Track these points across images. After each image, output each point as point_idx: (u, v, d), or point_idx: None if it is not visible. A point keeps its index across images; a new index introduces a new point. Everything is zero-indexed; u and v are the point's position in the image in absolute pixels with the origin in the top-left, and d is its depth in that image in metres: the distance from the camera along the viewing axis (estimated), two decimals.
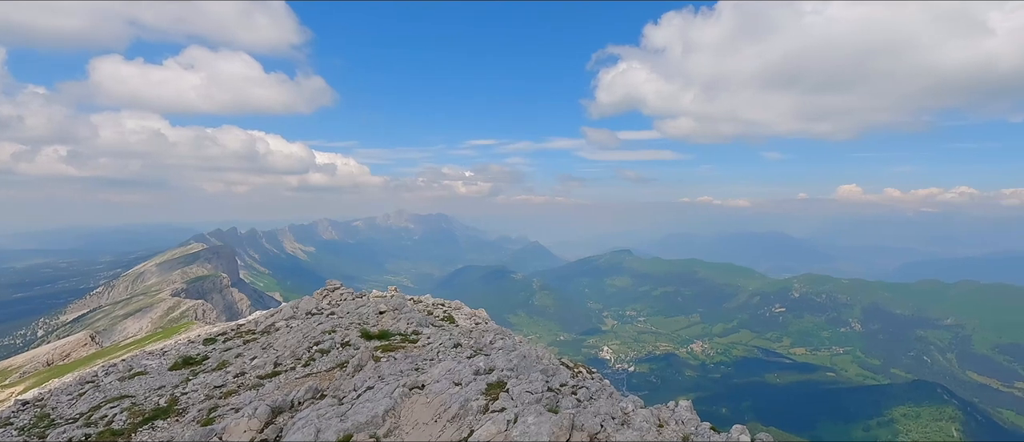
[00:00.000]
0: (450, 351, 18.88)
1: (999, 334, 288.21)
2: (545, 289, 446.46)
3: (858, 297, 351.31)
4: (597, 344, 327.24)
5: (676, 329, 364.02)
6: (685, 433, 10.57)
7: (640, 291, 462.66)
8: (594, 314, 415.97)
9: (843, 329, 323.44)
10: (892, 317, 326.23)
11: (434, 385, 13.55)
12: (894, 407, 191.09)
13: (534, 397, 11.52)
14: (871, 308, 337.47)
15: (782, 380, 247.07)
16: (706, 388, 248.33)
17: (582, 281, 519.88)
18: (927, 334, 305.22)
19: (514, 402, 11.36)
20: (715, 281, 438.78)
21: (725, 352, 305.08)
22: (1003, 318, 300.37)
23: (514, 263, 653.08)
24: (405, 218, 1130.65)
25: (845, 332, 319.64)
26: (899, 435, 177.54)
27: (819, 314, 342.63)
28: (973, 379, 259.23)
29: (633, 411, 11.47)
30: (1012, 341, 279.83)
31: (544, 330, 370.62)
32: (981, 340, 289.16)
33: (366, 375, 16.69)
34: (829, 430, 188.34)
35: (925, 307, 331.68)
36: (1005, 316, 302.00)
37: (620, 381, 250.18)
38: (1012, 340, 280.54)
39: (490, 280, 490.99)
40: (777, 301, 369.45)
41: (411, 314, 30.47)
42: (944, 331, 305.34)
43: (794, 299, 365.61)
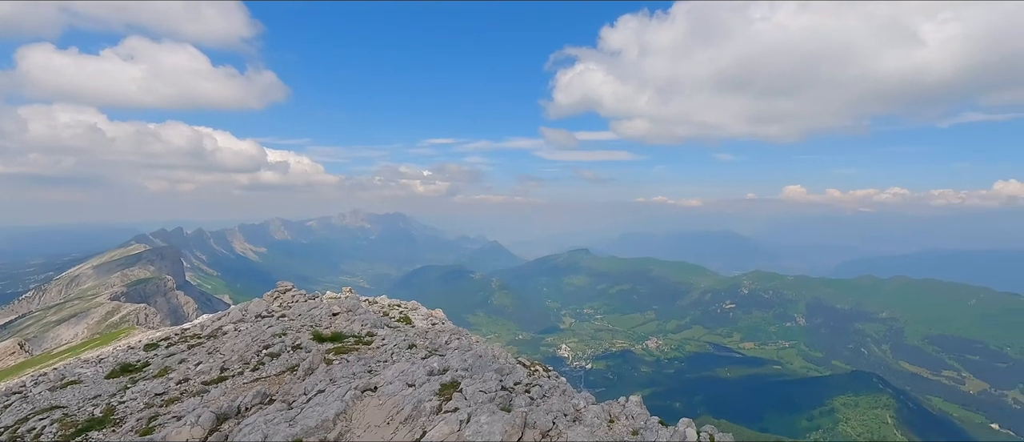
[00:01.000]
0: (405, 352, 18.65)
1: (929, 326, 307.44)
2: (504, 288, 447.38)
3: (802, 293, 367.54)
4: (555, 342, 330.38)
5: (632, 326, 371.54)
6: (635, 427, 10.82)
7: (597, 289, 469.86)
8: (552, 313, 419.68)
9: (789, 324, 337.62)
10: (833, 312, 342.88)
11: (387, 387, 13.35)
12: (835, 397, 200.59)
13: (488, 396, 11.53)
14: (814, 303, 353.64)
15: (732, 374, 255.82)
16: (661, 383, 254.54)
17: (541, 280, 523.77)
18: (865, 327, 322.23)
19: (467, 402, 11.34)
20: (669, 279, 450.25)
21: (679, 348, 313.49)
22: (932, 312, 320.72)
23: (473, 263, 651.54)
24: (361, 218, 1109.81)
25: (790, 327, 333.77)
26: (839, 424, 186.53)
27: (767, 310, 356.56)
28: (905, 369, 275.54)
29: (585, 408, 11.66)
30: (940, 332, 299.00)
31: (503, 329, 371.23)
32: (912, 332, 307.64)
33: (317, 378, 16.30)
34: (776, 421, 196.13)
35: (863, 302, 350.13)
36: (934, 310, 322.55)
37: (578, 378, 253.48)
38: (940, 332, 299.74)
39: (448, 280, 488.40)
40: (727, 298, 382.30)
41: (365, 315, 29.94)
42: (880, 324, 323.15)
43: (743, 295, 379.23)
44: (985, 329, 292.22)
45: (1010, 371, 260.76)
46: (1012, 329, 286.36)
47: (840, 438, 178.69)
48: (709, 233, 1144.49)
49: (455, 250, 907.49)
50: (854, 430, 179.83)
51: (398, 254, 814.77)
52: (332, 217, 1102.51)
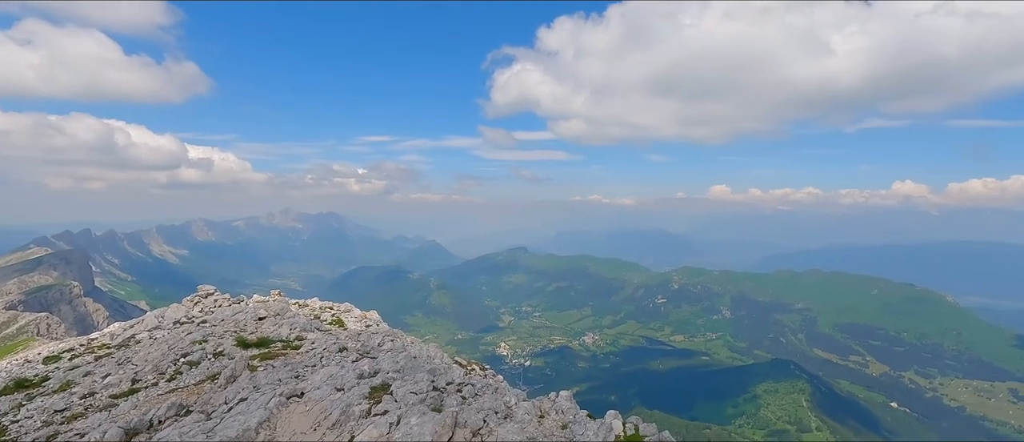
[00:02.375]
0: (335, 356, 18.09)
1: (838, 315, 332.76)
2: (442, 288, 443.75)
3: (727, 287, 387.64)
4: (494, 341, 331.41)
5: (569, 322, 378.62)
6: (564, 421, 11.04)
7: (536, 287, 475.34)
8: (491, 311, 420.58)
9: (715, 316, 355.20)
10: (755, 304, 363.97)
11: (314, 392, 12.90)
12: (758, 384, 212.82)
13: (419, 398, 11.39)
14: (738, 297, 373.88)
15: (664, 366, 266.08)
16: (597, 377, 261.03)
17: (480, 279, 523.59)
18: (783, 318, 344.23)
19: (398, 404, 11.16)
20: (604, 276, 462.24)
21: (614, 342, 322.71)
22: (841, 302, 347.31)
23: (411, 263, 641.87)
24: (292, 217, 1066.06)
25: (717, 319, 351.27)
26: (761, 409, 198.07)
27: (695, 303, 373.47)
28: (818, 355, 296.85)
29: (516, 404, 11.76)
30: (848, 321, 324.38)
31: (442, 329, 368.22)
32: (824, 321, 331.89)
33: (240, 386, 15.50)
34: (705, 409, 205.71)
35: (781, 294, 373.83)
36: (843, 300, 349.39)
37: (516, 376, 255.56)
38: (848, 320, 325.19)
39: (385, 281, 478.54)
40: (659, 293, 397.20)
41: (295, 319, 28.82)
42: (796, 314, 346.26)
43: (674, 290, 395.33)
44: (885, 317, 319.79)
45: (906, 355, 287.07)
46: (908, 316, 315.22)
47: (762, 423, 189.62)
48: (642, 231, 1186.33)
49: (392, 250, 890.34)
50: (774, 415, 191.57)
51: (332, 255, 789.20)
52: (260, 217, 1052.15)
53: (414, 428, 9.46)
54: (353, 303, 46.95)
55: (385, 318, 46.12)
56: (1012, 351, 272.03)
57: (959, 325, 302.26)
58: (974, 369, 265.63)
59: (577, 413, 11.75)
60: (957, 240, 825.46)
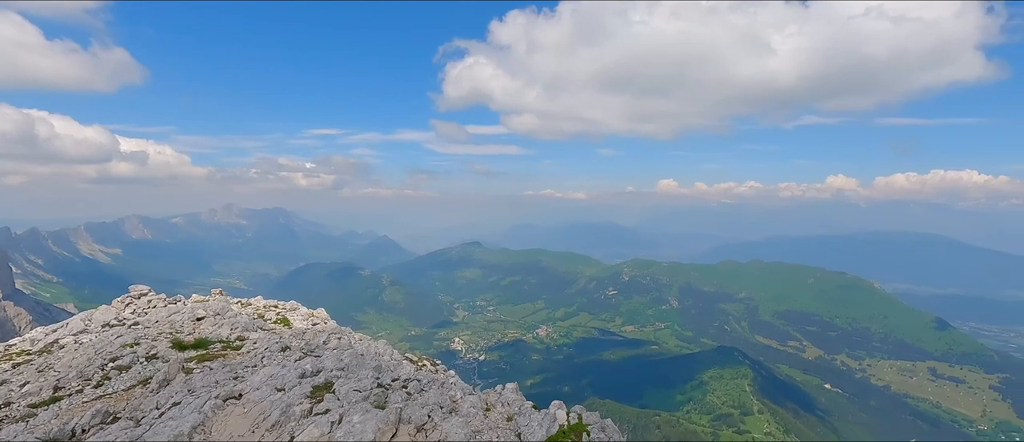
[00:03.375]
0: (277, 355, 17.48)
1: (777, 303, 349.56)
2: (395, 284, 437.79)
3: (675, 278, 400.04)
4: (449, 336, 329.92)
5: (523, 316, 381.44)
6: (510, 413, 11.09)
7: (489, 281, 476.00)
8: (445, 306, 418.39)
9: (664, 306, 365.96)
10: (702, 294, 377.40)
11: (253, 393, 12.42)
12: (704, 371, 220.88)
13: (362, 395, 11.16)
14: (686, 287, 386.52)
15: (616, 356, 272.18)
16: (551, 369, 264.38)
17: (433, 274, 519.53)
18: (727, 307, 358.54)
19: (340, 402, 10.89)
20: (557, 269, 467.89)
21: (567, 334, 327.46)
22: (780, 290, 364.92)
23: (362, 259, 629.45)
24: (236, 213, 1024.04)
25: (665, 309, 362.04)
26: (708, 395, 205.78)
27: (645, 295, 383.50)
28: (760, 342, 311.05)
29: (461, 398, 11.72)
30: (786, 309, 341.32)
31: (395, 326, 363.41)
32: (765, 309, 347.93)
33: (173, 390, 14.75)
34: (654, 396, 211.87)
35: (726, 284, 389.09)
36: (782, 289, 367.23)
37: (471, 370, 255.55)
38: (786, 308, 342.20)
39: (336, 278, 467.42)
40: (610, 285, 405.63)
41: (236, 319, 27.67)
42: (739, 303, 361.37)
43: (624, 282, 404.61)
44: (820, 304, 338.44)
45: (839, 339, 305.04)
46: (840, 303, 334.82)
47: (708, 408, 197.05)
48: (594, 224, 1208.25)
49: (343, 246, 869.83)
50: (719, 400, 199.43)
51: (279, 252, 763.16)
52: (201, 213, 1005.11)
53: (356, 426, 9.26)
54: (302, 301, 45.54)
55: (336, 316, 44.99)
56: (931, 333, 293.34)
57: (885, 310, 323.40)
58: (897, 350, 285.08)
59: (523, 405, 11.82)
60: (883, 230, 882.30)
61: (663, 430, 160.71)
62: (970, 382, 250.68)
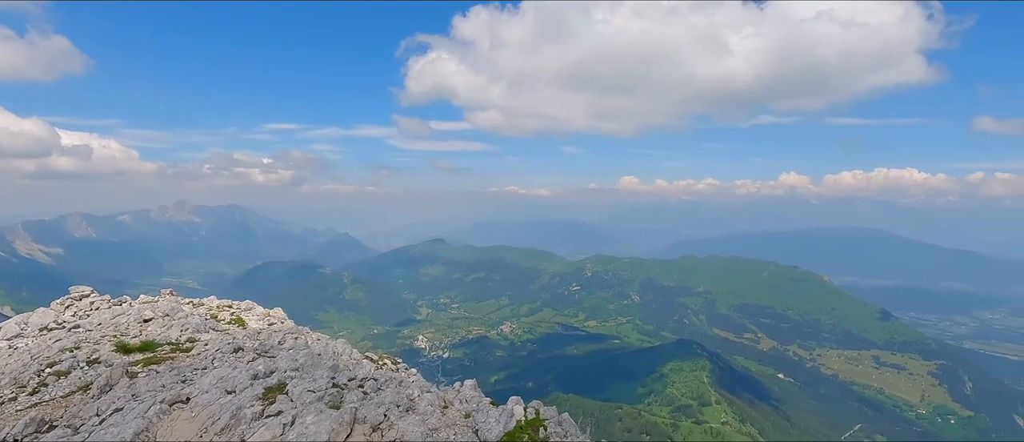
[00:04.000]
0: (229, 357, 16.88)
1: (734, 297, 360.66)
2: (357, 282, 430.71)
3: (636, 273, 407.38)
4: (412, 334, 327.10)
5: (487, 313, 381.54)
6: (468, 410, 11.03)
7: (453, 278, 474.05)
8: (409, 304, 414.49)
9: (625, 301, 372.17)
10: (662, 288, 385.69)
11: (202, 396, 11.95)
12: (665, 364, 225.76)
13: (316, 395, 10.88)
14: (646, 282, 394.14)
15: (579, 351, 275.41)
16: (515, 365, 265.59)
17: (396, 272, 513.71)
18: (686, 301, 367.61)
19: (293, 403, 10.59)
20: (521, 265, 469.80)
21: (531, 330, 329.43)
22: (737, 284, 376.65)
23: (322, 257, 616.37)
24: (188, 211, 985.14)
25: (627, 304, 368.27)
26: (668, 387, 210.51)
27: (607, 290, 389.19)
28: (717, 334, 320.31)
29: (419, 396, 11.59)
30: (742, 302, 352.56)
31: (357, 325, 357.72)
32: (722, 302, 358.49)
33: (116, 395, 14.05)
34: (616, 389, 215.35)
35: (685, 278, 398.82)
36: (738, 282, 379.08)
37: (435, 368, 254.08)
38: (742, 301, 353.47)
39: (295, 276, 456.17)
40: (573, 280, 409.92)
41: (187, 320, 26.61)
42: (697, 297, 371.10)
43: (587, 278, 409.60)
44: (774, 297, 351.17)
45: (791, 330, 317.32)
46: (793, 296, 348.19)
47: (668, 400, 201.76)
48: (557, 221, 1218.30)
49: (302, 244, 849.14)
50: (679, 391, 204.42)
51: (235, 250, 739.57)
52: (151, 210, 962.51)
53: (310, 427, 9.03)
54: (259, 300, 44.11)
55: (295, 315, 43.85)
56: (875, 323, 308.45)
57: (833, 302, 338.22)
58: (845, 340, 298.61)
59: (481, 402, 11.78)
60: (832, 226, 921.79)
61: (625, 422, 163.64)
62: (910, 369, 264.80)
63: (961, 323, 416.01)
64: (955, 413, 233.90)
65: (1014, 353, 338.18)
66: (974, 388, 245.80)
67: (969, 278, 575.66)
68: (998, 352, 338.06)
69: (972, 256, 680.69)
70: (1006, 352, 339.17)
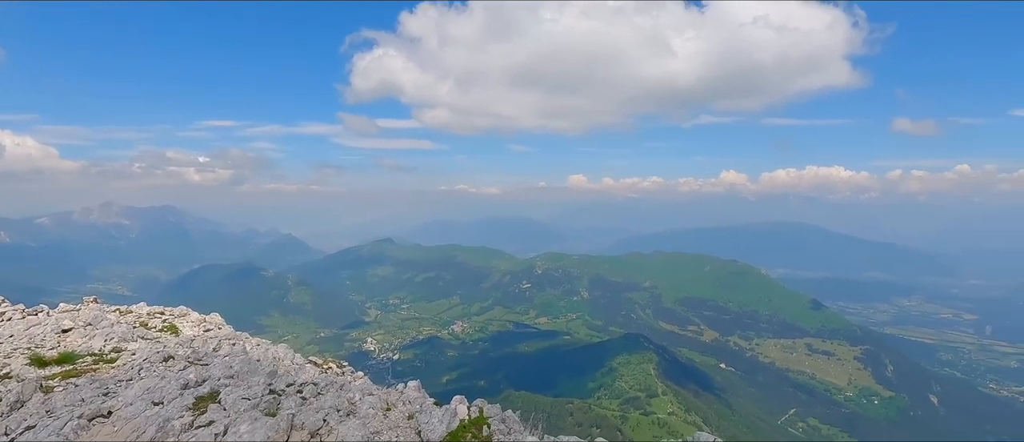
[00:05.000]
0: (157, 366, 15.93)
1: (678, 291, 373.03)
2: (302, 285, 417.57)
3: (585, 270, 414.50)
4: (361, 336, 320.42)
5: (438, 312, 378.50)
6: (411, 412, 10.87)
7: (403, 279, 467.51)
8: (357, 306, 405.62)
9: (575, 298, 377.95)
10: (610, 284, 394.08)
11: (125, 409, 11.22)
12: (613, 358, 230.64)
13: (251, 403, 10.42)
14: (595, 278, 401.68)
15: (530, 348, 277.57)
16: (467, 365, 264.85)
17: (343, 273, 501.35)
18: (633, 296, 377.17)
19: (226, 412, 10.11)
20: (472, 264, 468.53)
21: (482, 329, 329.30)
22: (680, 278, 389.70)
23: (264, 259, 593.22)
24: (116, 212, 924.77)
25: (576, 300, 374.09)
26: (617, 380, 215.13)
27: (557, 287, 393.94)
28: (663, 328, 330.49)
29: (360, 399, 11.31)
30: (686, 295, 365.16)
31: (302, 329, 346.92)
32: (668, 297, 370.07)
33: (28, 412, 12.98)
34: (567, 385, 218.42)
35: (632, 274, 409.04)
36: (681, 277, 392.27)
37: (385, 370, 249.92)
38: (686, 294, 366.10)
39: (235, 280, 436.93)
40: (524, 278, 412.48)
41: (112, 329, 24.96)
42: (644, 292, 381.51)
43: (538, 275, 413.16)
44: (715, 290, 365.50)
45: (732, 322, 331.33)
46: (733, 289, 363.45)
47: (617, 393, 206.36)
48: (507, 219, 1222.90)
49: (242, 246, 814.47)
50: (627, 384, 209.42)
51: (169, 254, 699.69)
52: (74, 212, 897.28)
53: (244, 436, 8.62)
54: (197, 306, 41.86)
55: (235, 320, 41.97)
56: (808, 312, 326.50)
57: (770, 294, 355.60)
58: (780, 329, 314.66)
59: (424, 402, 11.63)
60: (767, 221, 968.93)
61: (576, 417, 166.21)
62: (838, 355, 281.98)
63: (882, 310, 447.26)
64: (878, 394, 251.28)
65: (928, 337, 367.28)
66: (894, 370, 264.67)
67: (889, 268, 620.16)
68: (914, 336, 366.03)
69: (891, 248, 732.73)
70: (921, 336, 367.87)
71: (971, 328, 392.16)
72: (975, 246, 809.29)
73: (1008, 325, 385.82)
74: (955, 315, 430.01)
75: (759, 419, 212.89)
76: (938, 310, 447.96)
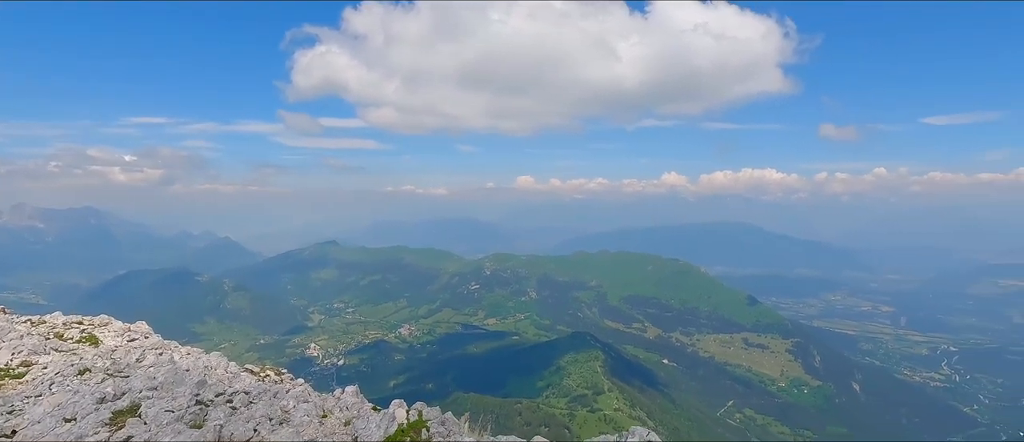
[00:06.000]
0: (71, 380, 14.76)
1: (623, 289, 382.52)
2: (239, 290, 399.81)
3: (533, 270, 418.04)
4: (303, 342, 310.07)
5: (385, 316, 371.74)
6: (347, 418, 10.57)
7: (348, 282, 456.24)
8: (299, 311, 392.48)
9: (523, 298, 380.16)
10: (557, 284, 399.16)
11: (32, 428, 10.33)
12: (561, 356, 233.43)
13: (175, 415, 9.83)
14: (543, 278, 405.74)
15: (479, 349, 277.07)
16: (415, 368, 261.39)
17: (284, 277, 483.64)
18: (580, 295, 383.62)
19: (147, 426, 9.48)
20: (419, 266, 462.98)
21: (430, 331, 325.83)
22: (625, 277, 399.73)
23: (199, 263, 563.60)
24: (29, 214, 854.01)
25: (524, 300, 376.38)
26: (565, 379, 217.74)
27: (505, 287, 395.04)
28: (609, 326, 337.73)
29: (294, 407, 10.89)
30: (631, 294, 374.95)
31: (240, 335, 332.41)
32: (613, 295, 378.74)
33: None
34: (517, 385, 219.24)
35: (578, 274, 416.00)
36: (626, 276, 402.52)
37: (329, 377, 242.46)
38: (630, 293, 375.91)
39: (166, 285, 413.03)
40: (473, 279, 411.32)
41: (21, 341, 22.95)
42: (590, 291, 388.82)
43: (486, 276, 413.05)
44: (658, 288, 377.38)
45: (674, 319, 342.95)
46: (675, 287, 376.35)
47: (565, 391, 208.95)
48: (455, 220, 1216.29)
49: (174, 249, 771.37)
50: (575, 382, 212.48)
51: (91, 259, 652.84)
52: None
53: None
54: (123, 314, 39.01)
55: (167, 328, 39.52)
56: (745, 308, 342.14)
57: (709, 291, 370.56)
58: (719, 325, 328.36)
59: (362, 408, 11.34)
60: (707, 221, 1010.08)
61: (524, 416, 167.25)
62: (772, 348, 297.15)
63: (811, 305, 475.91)
64: (807, 384, 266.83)
65: (851, 329, 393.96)
66: (821, 361, 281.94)
67: (817, 265, 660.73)
68: (839, 328, 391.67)
69: (819, 246, 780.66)
70: (845, 328, 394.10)
71: (888, 320, 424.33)
72: (891, 243, 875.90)
73: (920, 316, 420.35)
74: (874, 308, 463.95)
75: (699, 412, 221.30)
76: (859, 303, 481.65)
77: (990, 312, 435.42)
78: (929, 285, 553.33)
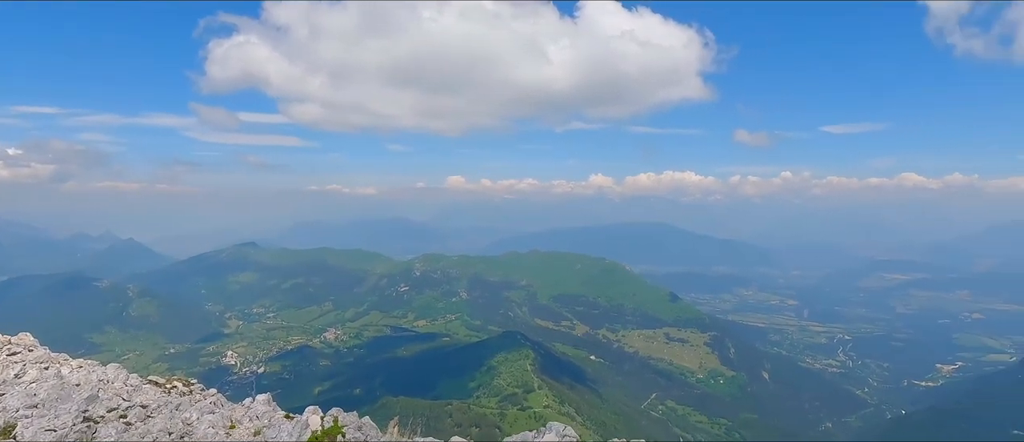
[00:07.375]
0: None
1: (552, 288, 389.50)
2: (146, 296, 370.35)
3: (464, 270, 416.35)
4: (219, 350, 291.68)
5: (308, 320, 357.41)
6: (258, 428, 10.03)
7: (268, 285, 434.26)
8: (214, 317, 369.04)
9: (454, 299, 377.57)
10: (488, 284, 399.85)
11: None
12: (493, 356, 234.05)
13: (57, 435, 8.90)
14: (474, 279, 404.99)
15: (409, 351, 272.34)
16: (341, 374, 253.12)
17: (197, 281, 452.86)
18: (511, 294, 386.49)
19: None
20: (346, 267, 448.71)
21: (358, 335, 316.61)
22: (554, 276, 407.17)
23: (98, 267, 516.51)
24: None
25: (455, 301, 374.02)
26: (496, 378, 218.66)
27: (436, 288, 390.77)
28: (539, 325, 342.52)
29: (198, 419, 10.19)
30: (560, 293, 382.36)
31: (146, 345, 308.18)
32: (543, 294, 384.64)
33: None
34: (448, 387, 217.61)
35: (509, 273, 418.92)
36: (555, 275, 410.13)
37: (248, 386, 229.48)
38: (560, 292, 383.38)
39: (60, 292, 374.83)
40: (402, 281, 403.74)
41: None
42: (521, 290, 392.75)
43: (416, 277, 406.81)
44: (586, 286, 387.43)
45: (601, 316, 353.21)
46: (601, 285, 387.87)
47: (496, 391, 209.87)
48: (384, 220, 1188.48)
49: (69, 253, 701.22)
50: (506, 382, 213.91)
51: None
52: None
53: None
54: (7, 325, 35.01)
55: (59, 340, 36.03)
56: (667, 305, 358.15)
57: (634, 288, 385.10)
58: (643, 321, 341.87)
59: (274, 416, 10.79)
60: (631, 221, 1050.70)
61: (455, 418, 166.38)
62: (691, 341, 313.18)
63: (726, 300, 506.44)
64: (723, 375, 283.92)
65: (761, 322, 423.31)
66: (735, 353, 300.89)
67: (731, 262, 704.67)
68: (751, 322, 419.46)
69: (733, 244, 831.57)
70: (756, 321, 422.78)
71: (792, 312, 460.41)
72: (796, 241, 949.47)
73: (819, 308, 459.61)
74: (781, 301, 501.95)
75: (626, 405, 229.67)
76: (768, 298, 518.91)
77: (877, 303, 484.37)
78: (827, 280, 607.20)
